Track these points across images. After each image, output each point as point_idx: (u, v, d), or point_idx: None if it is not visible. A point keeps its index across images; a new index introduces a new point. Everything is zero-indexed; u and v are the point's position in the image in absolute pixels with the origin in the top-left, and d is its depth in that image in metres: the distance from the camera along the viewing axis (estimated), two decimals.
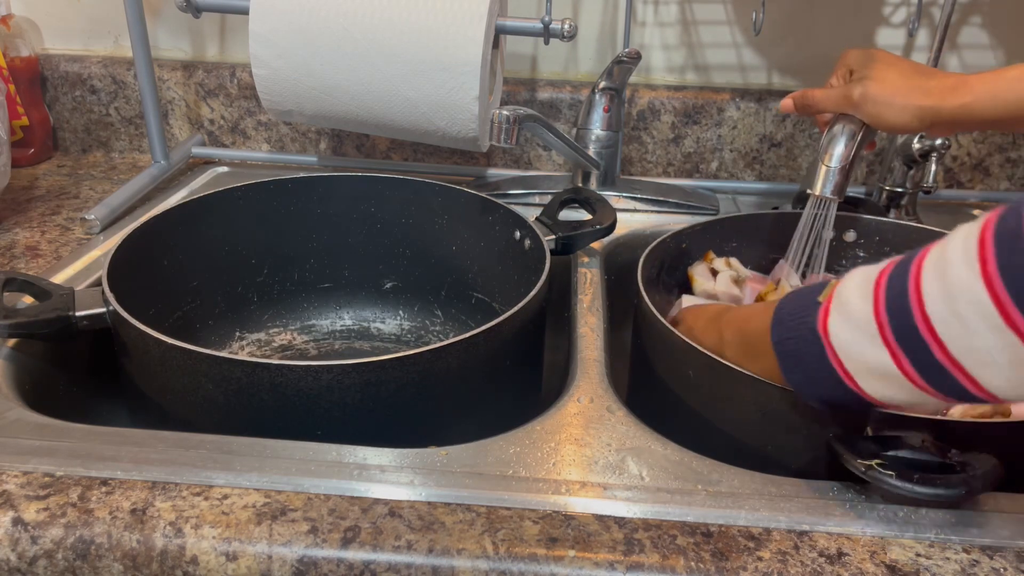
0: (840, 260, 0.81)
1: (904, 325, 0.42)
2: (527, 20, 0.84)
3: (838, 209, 0.74)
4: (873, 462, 0.48)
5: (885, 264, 0.45)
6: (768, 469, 0.52)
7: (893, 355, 0.43)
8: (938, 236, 0.78)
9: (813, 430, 0.52)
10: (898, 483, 0.47)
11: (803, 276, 0.77)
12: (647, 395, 0.67)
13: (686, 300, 0.76)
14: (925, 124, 0.67)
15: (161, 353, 0.56)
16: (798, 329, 0.49)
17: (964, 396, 0.42)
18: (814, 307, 0.48)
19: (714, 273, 0.77)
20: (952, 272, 0.40)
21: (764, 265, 0.81)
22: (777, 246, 0.80)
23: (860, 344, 0.45)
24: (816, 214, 0.74)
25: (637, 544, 0.46)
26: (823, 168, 0.71)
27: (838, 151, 0.71)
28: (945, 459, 0.49)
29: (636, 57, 0.87)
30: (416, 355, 0.54)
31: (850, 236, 0.80)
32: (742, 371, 0.55)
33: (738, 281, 0.77)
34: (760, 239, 0.81)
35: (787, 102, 0.78)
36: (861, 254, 0.81)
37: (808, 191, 0.73)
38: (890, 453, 0.49)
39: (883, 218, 0.81)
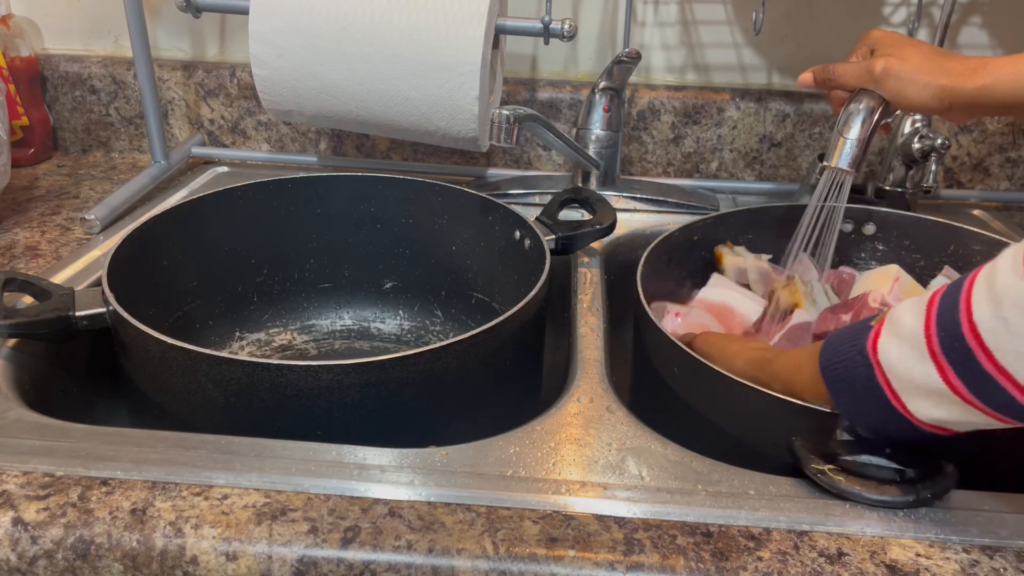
0: (859, 253, 0.81)
1: (951, 336, 0.42)
2: (527, 20, 0.84)
3: (861, 201, 0.74)
4: (826, 467, 0.49)
5: (943, 285, 0.45)
6: (757, 467, 0.52)
7: (940, 369, 0.42)
8: (955, 231, 0.77)
9: (784, 430, 0.53)
10: (847, 488, 0.48)
11: (812, 254, 0.76)
12: (648, 395, 0.67)
13: (714, 279, 0.76)
14: (944, 105, 0.67)
15: (161, 353, 0.56)
16: (847, 352, 0.48)
17: (1013, 409, 0.41)
18: (865, 331, 0.48)
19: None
20: (999, 280, 0.40)
21: (776, 258, 0.81)
22: (789, 239, 0.79)
23: (908, 360, 0.44)
24: (830, 188, 0.73)
25: (637, 544, 0.46)
26: (841, 140, 0.70)
27: (856, 124, 0.70)
28: (904, 466, 0.49)
29: (636, 57, 0.87)
30: (416, 355, 0.54)
31: (869, 229, 0.80)
32: (720, 371, 0.56)
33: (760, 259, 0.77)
34: (772, 231, 0.80)
35: (807, 76, 0.77)
36: (880, 247, 0.80)
37: (823, 163, 0.72)
38: (851, 458, 0.50)
39: (903, 211, 0.81)
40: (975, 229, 0.77)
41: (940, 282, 0.75)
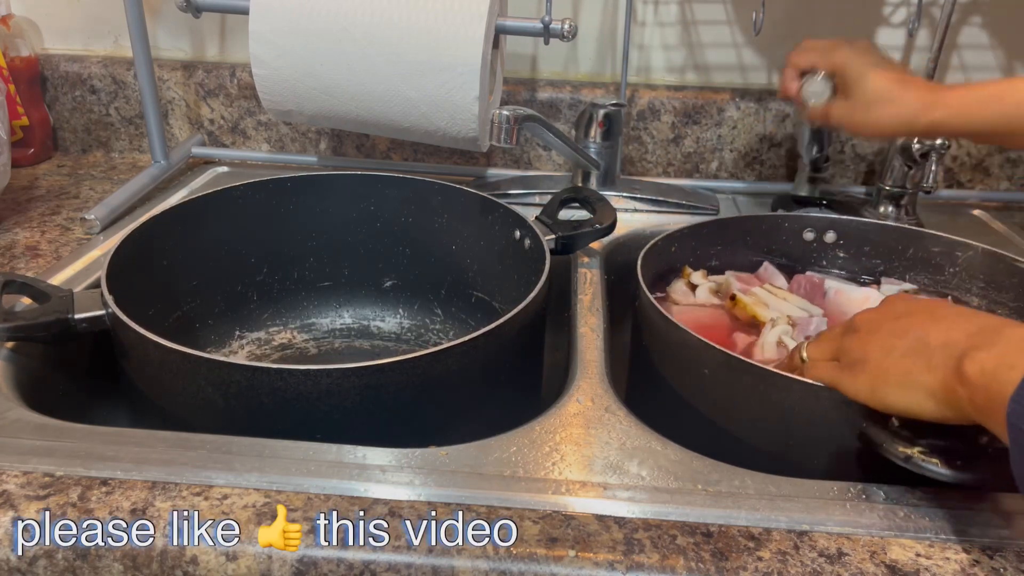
0: (821, 261, 0.81)
1: None
2: (527, 20, 0.83)
3: (818, 211, 0.82)
4: (914, 450, 0.46)
5: None
6: (782, 469, 0.52)
7: None
8: (914, 235, 0.79)
9: (838, 424, 0.52)
10: (943, 470, 0.45)
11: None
12: (648, 396, 0.67)
13: (676, 311, 0.75)
14: (901, 133, 0.77)
15: (160, 356, 0.56)
16: None
17: None
18: None
19: (693, 288, 0.77)
20: None
21: (748, 268, 0.81)
22: (762, 249, 0.81)
23: None
24: None
25: (637, 544, 0.46)
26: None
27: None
28: (977, 443, 0.47)
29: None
30: (416, 358, 0.54)
31: (830, 237, 0.80)
32: (763, 367, 0.55)
33: (718, 291, 0.77)
34: (744, 242, 0.81)
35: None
36: (841, 254, 0.81)
37: None
38: (924, 441, 0.47)
39: (863, 219, 0.81)
40: (934, 232, 0.77)
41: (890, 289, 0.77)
